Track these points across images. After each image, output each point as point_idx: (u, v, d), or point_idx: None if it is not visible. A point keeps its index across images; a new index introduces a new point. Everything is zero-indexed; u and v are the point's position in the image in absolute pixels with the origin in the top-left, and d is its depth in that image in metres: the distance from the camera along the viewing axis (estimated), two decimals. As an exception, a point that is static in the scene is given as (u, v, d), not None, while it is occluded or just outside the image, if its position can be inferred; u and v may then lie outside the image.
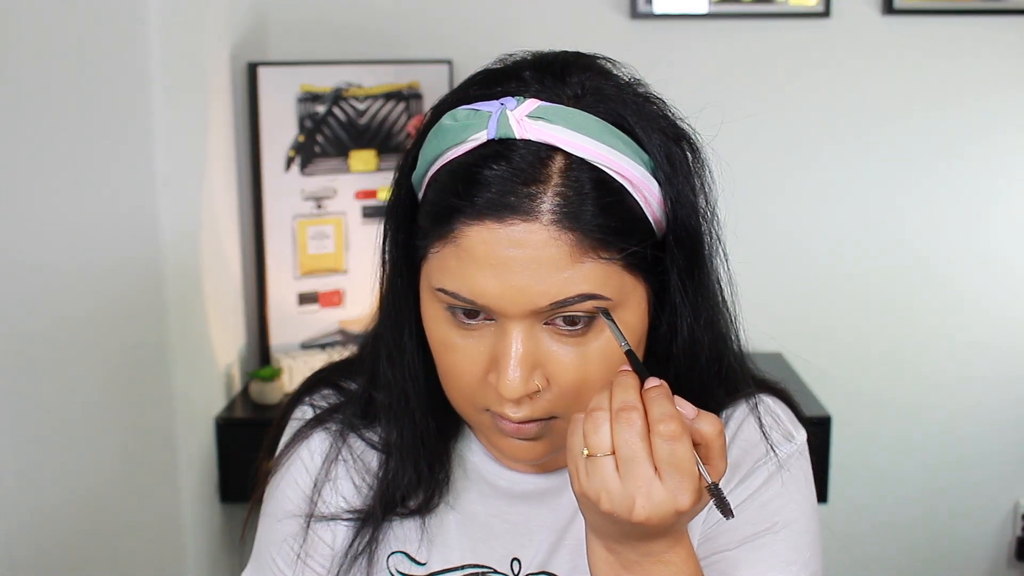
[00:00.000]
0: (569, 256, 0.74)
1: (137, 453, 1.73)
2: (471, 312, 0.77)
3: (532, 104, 0.76)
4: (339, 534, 0.92)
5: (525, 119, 0.75)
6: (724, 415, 0.90)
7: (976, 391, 2.43)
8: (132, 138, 1.69)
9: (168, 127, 1.76)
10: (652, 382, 0.72)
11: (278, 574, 0.94)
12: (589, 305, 0.75)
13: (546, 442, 0.82)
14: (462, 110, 0.78)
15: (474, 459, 0.93)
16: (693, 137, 0.82)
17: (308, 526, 0.92)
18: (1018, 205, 2.37)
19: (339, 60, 2.22)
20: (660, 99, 0.82)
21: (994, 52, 2.30)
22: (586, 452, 0.70)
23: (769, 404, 0.92)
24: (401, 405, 0.88)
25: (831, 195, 2.37)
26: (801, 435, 0.91)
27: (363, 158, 2.22)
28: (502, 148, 0.75)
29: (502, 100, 0.76)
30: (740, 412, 0.90)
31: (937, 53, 2.31)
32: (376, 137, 2.22)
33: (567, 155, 0.75)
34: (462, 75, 2.26)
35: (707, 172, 0.82)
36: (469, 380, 0.80)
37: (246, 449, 2.00)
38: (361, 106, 2.20)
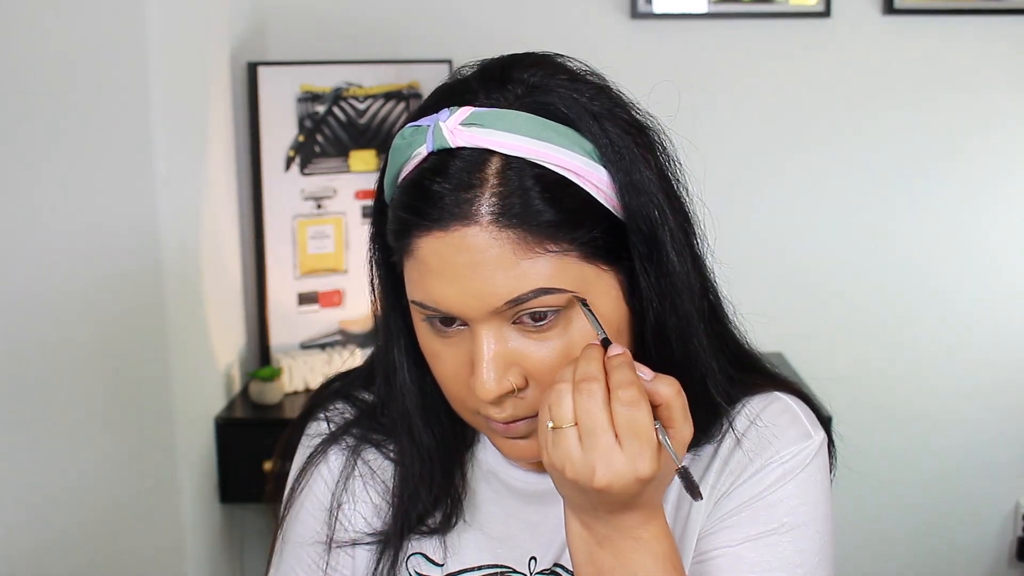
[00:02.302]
0: (513, 254, 0.75)
1: (137, 453, 1.72)
2: (446, 320, 0.79)
3: (465, 112, 0.77)
4: (360, 552, 0.93)
5: (458, 127, 0.77)
6: (738, 407, 0.88)
7: (977, 391, 2.43)
8: (132, 138, 1.69)
9: (168, 127, 1.76)
10: (615, 350, 0.74)
11: None
12: (548, 300, 0.76)
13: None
14: (407, 128, 0.80)
15: (490, 461, 0.93)
16: (649, 123, 0.83)
17: (330, 548, 0.93)
18: (1018, 205, 2.37)
19: (339, 60, 2.22)
20: (616, 90, 0.83)
21: (994, 52, 2.30)
22: (551, 424, 0.72)
23: (788, 402, 0.90)
24: (403, 423, 0.90)
25: (831, 195, 2.37)
26: (819, 435, 0.89)
27: (363, 158, 2.21)
28: (440, 159, 0.77)
29: (439, 113, 0.78)
30: (756, 405, 0.88)
31: (937, 53, 2.31)
32: (376, 137, 2.22)
33: (504, 156, 0.76)
34: (462, 75, 2.27)
35: (669, 158, 0.83)
36: (457, 385, 0.81)
37: (246, 449, 2.02)
38: (361, 106, 2.20)
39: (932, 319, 2.40)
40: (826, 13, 2.27)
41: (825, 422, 0.92)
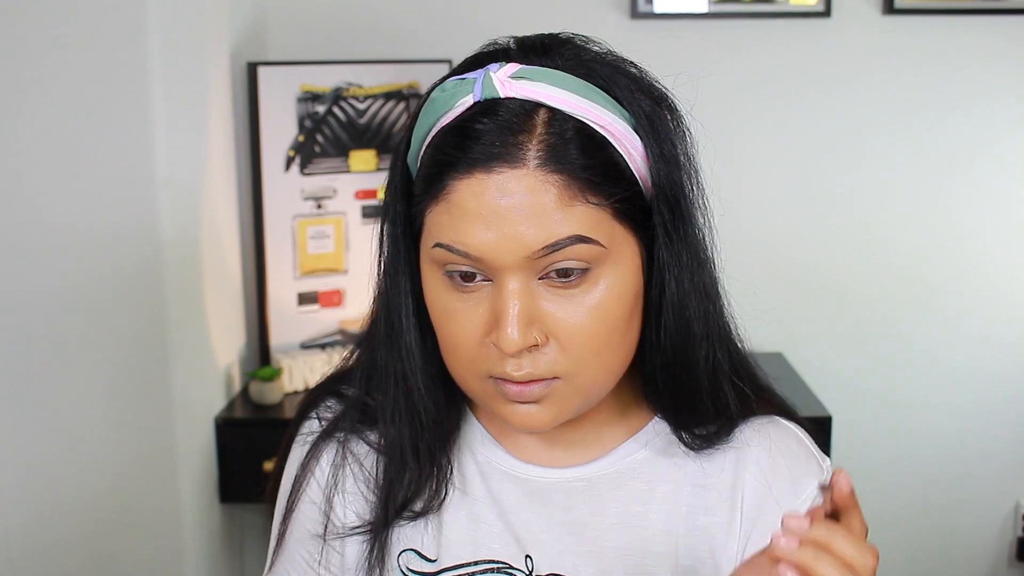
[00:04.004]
0: (558, 199, 0.76)
1: (137, 453, 1.72)
2: (468, 275, 0.79)
3: (514, 66, 0.80)
4: (351, 547, 0.92)
5: (508, 79, 0.79)
6: (742, 437, 0.89)
7: (976, 391, 2.43)
8: (132, 138, 1.69)
9: (168, 127, 1.76)
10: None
11: None
12: (581, 251, 0.77)
13: (552, 407, 0.82)
14: (450, 81, 0.82)
15: (485, 452, 0.92)
16: (672, 100, 0.85)
17: (324, 542, 0.92)
18: (1019, 204, 2.37)
19: (339, 60, 2.22)
20: (637, 65, 0.85)
21: (994, 52, 2.30)
22: None
23: (793, 430, 0.91)
24: (400, 390, 0.88)
25: (831, 194, 2.37)
26: (825, 463, 0.91)
27: (363, 158, 2.22)
28: (488, 106, 0.78)
29: (488, 66, 0.80)
30: (761, 434, 0.89)
31: (937, 53, 2.31)
32: (376, 137, 2.22)
33: (550, 109, 0.78)
34: (462, 75, 2.27)
35: (687, 133, 0.85)
36: (470, 345, 0.81)
37: (246, 449, 2.02)
38: (361, 106, 2.20)
39: (932, 319, 2.41)
40: (826, 13, 2.27)
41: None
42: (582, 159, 0.77)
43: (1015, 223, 2.37)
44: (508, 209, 0.76)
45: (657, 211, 0.81)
